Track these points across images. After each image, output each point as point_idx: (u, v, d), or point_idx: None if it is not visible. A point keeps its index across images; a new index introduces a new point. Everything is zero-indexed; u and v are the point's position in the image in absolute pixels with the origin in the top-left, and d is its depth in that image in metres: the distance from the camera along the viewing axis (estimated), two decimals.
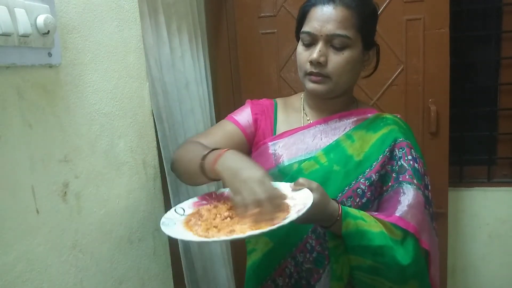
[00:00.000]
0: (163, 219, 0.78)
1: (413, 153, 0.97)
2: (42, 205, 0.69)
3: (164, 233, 0.74)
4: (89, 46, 0.81)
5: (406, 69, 1.69)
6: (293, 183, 0.83)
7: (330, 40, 0.91)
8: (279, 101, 1.11)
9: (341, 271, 0.91)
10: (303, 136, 1.01)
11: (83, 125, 0.79)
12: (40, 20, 0.65)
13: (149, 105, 1.01)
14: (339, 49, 0.92)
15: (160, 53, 1.30)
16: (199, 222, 0.77)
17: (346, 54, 0.92)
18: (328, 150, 0.97)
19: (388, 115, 1.03)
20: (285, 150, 1.00)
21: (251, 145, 1.07)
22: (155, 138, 1.03)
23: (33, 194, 0.67)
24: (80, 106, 0.79)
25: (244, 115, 1.07)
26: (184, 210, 0.84)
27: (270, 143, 1.02)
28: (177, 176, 1.03)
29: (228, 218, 0.77)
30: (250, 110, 1.07)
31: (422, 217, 0.92)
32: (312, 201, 0.75)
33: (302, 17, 0.97)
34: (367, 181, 0.93)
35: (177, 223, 0.78)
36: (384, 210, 0.94)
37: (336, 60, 0.92)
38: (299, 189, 0.81)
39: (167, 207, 1.38)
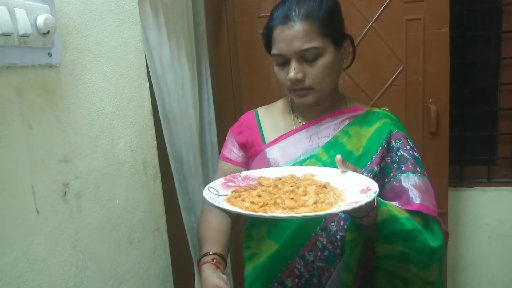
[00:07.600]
0: (208, 199, 0.77)
1: (410, 143, 0.99)
2: (42, 205, 0.69)
3: (164, 233, 0.74)
4: (89, 46, 0.81)
5: (406, 69, 1.69)
6: (340, 162, 0.81)
7: (301, 56, 0.92)
8: (260, 110, 1.12)
9: (353, 264, 0.91)
10: (299, 137, 1.02)
11: (83, 125, 0.79)
12: (40, 20, 0.65)
13: (149, 105, 1.01)
14: (312, 60, 0.93)
15: (163, 53, 1.30)
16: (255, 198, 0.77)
17: (320, 63, 0.93)
18: (327, 147, 0.98)
19: (378, 110, 1.05)
20: (282, 154, 1.01)
21: (247, 162, 1.08)
22: (155, 138, 1.03)
23: (33, 194, 0.67)
24: (80, 106, 0.79)
25: (231, 148, 1.10)
26: (217, 191, 0.84)
27: (266, 149, 1.03)
28: None
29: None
30: (234, 138, 1.10)
31: (435, 201, 0.94)
32: (377, 187, 0.75)
33: (267, 40, 0.99)
34: (370, 174, 0.94)
35: (221, 202, 0.77)
36: (390, 200, 0.93)
37: (312, 72, 0.93)
38: (346, 171, 0.82)
39: (174, 206, 1.37)
